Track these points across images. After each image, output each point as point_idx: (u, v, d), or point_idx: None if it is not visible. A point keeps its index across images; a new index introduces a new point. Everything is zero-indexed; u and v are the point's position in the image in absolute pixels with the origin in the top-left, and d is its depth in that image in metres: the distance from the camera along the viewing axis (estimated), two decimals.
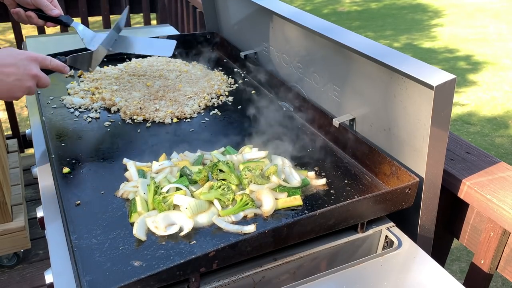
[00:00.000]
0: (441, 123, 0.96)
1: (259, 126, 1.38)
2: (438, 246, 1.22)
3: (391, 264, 0.95)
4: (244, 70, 1.76)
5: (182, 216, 0.96)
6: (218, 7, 1.93)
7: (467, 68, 5.74)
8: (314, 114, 1.35)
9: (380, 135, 1.15)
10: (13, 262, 2.35)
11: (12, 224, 2.23)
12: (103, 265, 0.86)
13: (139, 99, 1.48)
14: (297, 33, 1.39)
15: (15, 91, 1.11)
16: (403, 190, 0.99)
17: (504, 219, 0.99)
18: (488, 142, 4.14)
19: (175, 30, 2.30)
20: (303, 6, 8.82)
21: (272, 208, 1.00)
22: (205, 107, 1.49)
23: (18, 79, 1.10)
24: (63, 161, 1.17)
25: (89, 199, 1.04)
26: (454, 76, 0.91)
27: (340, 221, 0.95)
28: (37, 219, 1.09)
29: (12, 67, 1.09)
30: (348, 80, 1.22)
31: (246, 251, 0.86)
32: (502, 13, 8.04)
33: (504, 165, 1.13)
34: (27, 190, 2.83)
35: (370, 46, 1.08)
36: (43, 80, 1.15)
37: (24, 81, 1.11)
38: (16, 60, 1.10)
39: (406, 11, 8.50)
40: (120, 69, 1.69)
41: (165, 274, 0.79)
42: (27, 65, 1.12)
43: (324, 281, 0.90)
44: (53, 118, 1.38)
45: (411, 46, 6.62)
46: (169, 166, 1.12)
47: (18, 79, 1.10)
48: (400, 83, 1.02)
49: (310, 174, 1.14)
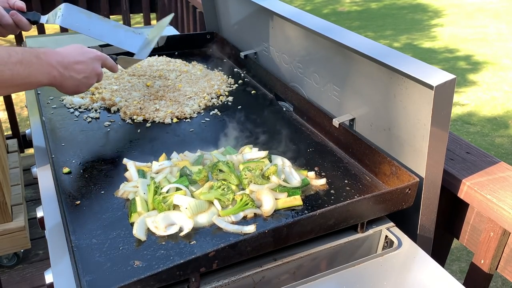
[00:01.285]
0: (441, 123, 0.96)
1: (259, 126, 1.38)
2: (438, 246, 1.22)
3: (391, 264, 0.95)
4: (244, 70, 1.76)
5: (182, 216, 0.96)
6: (218, 7, 1.93)
7: (467, 68, 5.74)
8: (314, 114, 1.35)
9: (380, 135, 1.15)
10: (13, 262, 2.35)
11: (12, 224, 2.23)
12: (103, 265, 0.86)
13: (139, 99, 1.48)
14: (297, 33, 1.39)
15: (82, 88, 1.20)
16: (403, 190, 0.99)
17: (504, 219, 0.99)
18: (488, 142, 4.14)
19: (175, 30, 2.30)
20: (303, 6, 8.82)
21: (272, 208, 1.00)
22: (205, 107, 1.49)
23: (86, 76, 1.18)
24: (63, 161, 1.17)
25: (89, 199, 1.04)
26: (454, 76, 0.91)
27: (340, 221, 0.95)
28: (37, 219, 1.09)
29: (82, 64, 1.17)
30: (348, 80, 1.22)
31: (246, 251, 0.86)
32: (502, 13, 8.03)
33: (504, 165, 1.13)
34: (27, 190, 2.83)
35: (370, 46, 1.08)
36: (101, 78, 1.26)
37: (90, 79, 1.20)
38: (85, 58, 1.18)
39: (406, 11, 8.50)
40: (120, 69, 1.69)
41: (165, 274, 0.79)
42: (95, 64, 1.21)
43: (324, 281, 0.90)
44: (53, 118, 1.38)
45: (411, 46, 6.62)
46: (169, 166, 1.12)
47: (86, 76, 1.19)
48: (400, 83, 1.02)
49: (310, 174, 1.14)
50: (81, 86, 1.19)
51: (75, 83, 1.16)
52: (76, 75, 1.15)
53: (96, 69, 1.21)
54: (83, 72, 1.17)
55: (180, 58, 1.85)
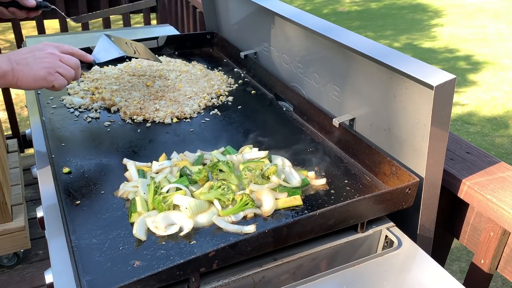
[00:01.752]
0: (441, 123, 0.96)
1: (259, 126, 1.38)
2: (438, 246, 1.22)
3: (391, 264, 0.95)
4: (244, 70, 1.76)
5: (182, 216, 0.96)
6: (218, 7, 1.93)
7: (467, 68, 5.74)
8: (314, 114, 1.35)
9: (380, 135, 1.15)
10: (13, 262, 2.35)
11: (12, 224, 2.23)
12: (103, 265, 0.86)
13: (139, 99, 1.48)
14: (297, 33, 1.39)
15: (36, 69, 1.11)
16: (403, 190, 0.99)
17: (504, 219, 0.99)
18: (488, 142, 4.14)
19: (175, 30, 2.30)
20: (303, 6, 8.82)
21: (272, 208, 1.00)
22: (205, 107, 1.49)
23: (38, 57, 1.12)
24: (63, 161, 1.17)
25: (89, 199, 1.04)
26: (454, 76, 0.91)
27: (340, 221, 0.95)
28: (37, 219, 1.09)
29: (33, 51, 1.13)
30: (348, 80, 1.22)
31: (246, 251, 0.86)
32: (502, 13, 8.03)
33: (504, 165, 1.13)
34: (27, 190, 2.83)
35: (370, 46, 1.08)
36: (66, 59, 1.17)
37: (42, 59, 1.13)
38: (30, 49, 1.14)
39: (406, 11, 8.50)
40: (120, 69, 1.69)
41: (165, 274, 0.79)
42: (41, 48, 1.15)
43: (324, 281, 0.90)
44: (53, 118, 1.38)
45: (411, 46, 6.62)
46: (169, 166, 1.12)
47: (39, 58, 1.12)
48: (400, 83, 1.02)
49: (310, 174, 1.14)
50: (34, 68, 1.12)
51: (28, 67, 1.11)
52: (27, 60, 1.12)
53: (44, 50, 1.15)
54: (33, 56, 1.13)
55: (180, 58, 1.85)
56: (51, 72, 1.14)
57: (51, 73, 1.13)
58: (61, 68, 1.16)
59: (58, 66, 1.15)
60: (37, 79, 1.12)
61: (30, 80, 1.11)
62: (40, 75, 1.12)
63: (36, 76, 1.12)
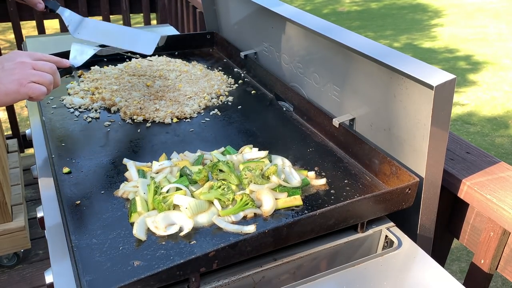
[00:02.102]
0: (441, 123, 0.96)
1: (259, 126, 1.38)
2: (438, 246, 1.22)
3: (391, 264, 0.95)
4: (244, 70, 1.76)
5: (182, 216, 0.96)
6: (218, 7, 1.93)
7: (467, 68, 5.74)
8: (314, 114, 1.35)
9: (380, 135, 1.15)
10: (13, 262, 2.35)
11: (12, 224, 2.23)
12: (103, 265, 0.86)
13: (139, 99, 1.48)
14: (297, 33, 1.39)
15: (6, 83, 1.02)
16: (403, 190, 0.99)
17: (504, 219, 0.99)
18: (488, 142, 4.14)
19: (175, 30, 2.30)
20: (303, 6, 8.82)
21: (272, 208, 1.00)
22: (205, 107, 1.49)
23: (3, 70, 1.03)
24: (63, 161, 1.17)
25: (89, 199, 1.04)
26: (454, 76, 0.91)
27: (340, 221, 0.95)
28: (37, 219, 1.09)
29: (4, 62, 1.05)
30: (348, 80, 1.22)
31: (246, 251, 0.86)
32: (502, 13, 8.04)
33: (504, 165, 1.13)
34: (27, 190, 2.83)
35: (370, 46, 1.08)
36: (40, 65, 1.08)
37: (11, 71, 1.04)
38: (6, 56, 1.07)
39: (406, 11, 8.50)
40: (120, 69, 1.69)
41: (165, 274, 0.79)
42: (11, 58, 1.06)
43: (324, 281, 0.90)
44: (53, 118, 1.38)
45: (411, 46, 6.62)
46: (169, 166, 1.12)
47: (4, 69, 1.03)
48: (400, 83, 1.02)
49: (310, 174, 1.14)
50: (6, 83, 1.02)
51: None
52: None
53: (13, 60, 1.06)
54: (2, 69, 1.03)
55: (180, 58, 1.85)
56: (23, 84, 1.04)
57: (23, 85, 1.04)
58: (36, 77, 1.06)
59: (31, 75, 1.06)
60: (9, 93, 1.02)
61: (1, 96, 1.02)
62: (12, 88, 1.02)
63: (8, 90, 1.02)
